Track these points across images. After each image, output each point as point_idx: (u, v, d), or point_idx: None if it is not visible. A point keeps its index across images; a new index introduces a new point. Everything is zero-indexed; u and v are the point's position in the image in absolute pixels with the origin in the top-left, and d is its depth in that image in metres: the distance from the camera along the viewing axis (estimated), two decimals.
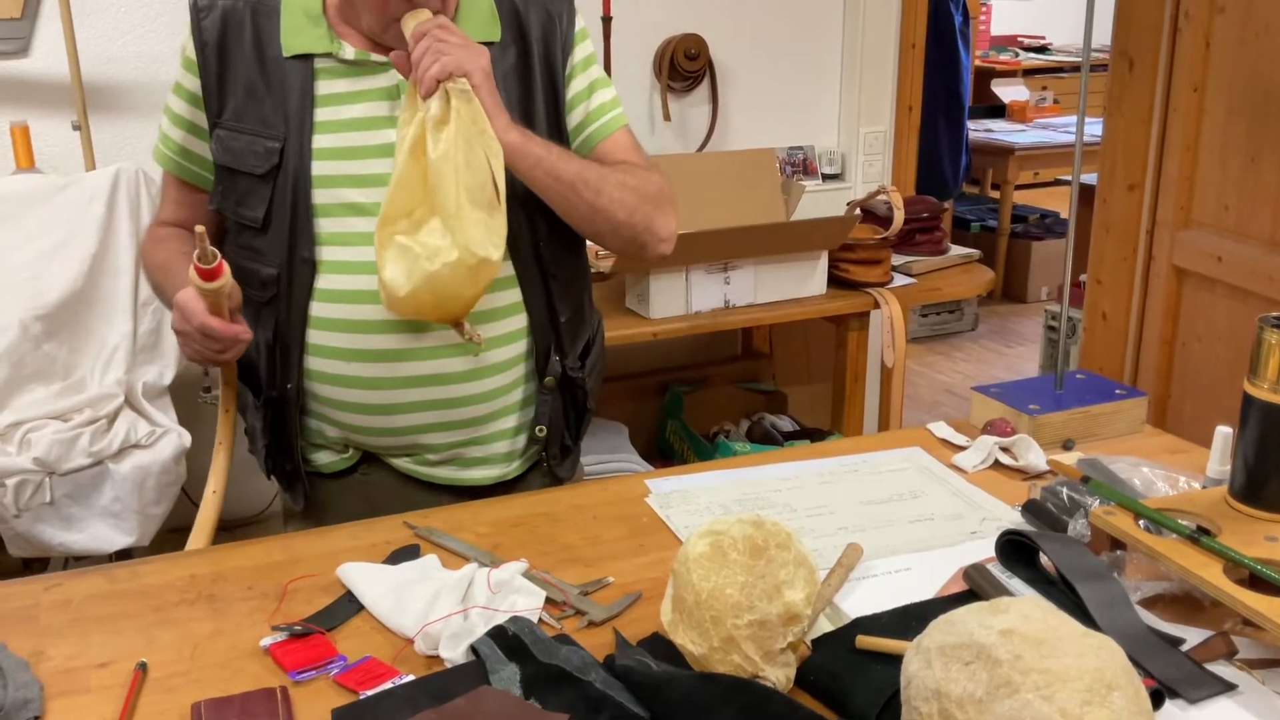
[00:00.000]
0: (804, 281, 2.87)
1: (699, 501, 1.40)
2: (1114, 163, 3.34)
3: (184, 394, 2.68)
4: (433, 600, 1.15)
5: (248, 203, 1.43)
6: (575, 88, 1.52)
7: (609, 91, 1.56)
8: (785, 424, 3.17)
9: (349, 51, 1.43)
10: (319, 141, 1.41)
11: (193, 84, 1.46)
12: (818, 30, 3.40)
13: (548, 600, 1.18)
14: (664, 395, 3.27)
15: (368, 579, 1.22)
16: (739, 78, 3.34)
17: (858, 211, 3.05)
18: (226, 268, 1.31)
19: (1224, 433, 1.30)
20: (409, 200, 1.34)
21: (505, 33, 1.48)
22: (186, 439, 2.44)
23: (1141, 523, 1.17)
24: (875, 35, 3.39)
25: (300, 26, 1.43)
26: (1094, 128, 3.61)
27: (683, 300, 2.76)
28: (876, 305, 2.88)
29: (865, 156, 3.46)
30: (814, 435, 3.06)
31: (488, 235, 1.34)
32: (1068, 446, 1.52)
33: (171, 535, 2.92)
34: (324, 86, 1.43)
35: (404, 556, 1.29)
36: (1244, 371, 1.18)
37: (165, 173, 1.55)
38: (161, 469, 2.38)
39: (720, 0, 3.26)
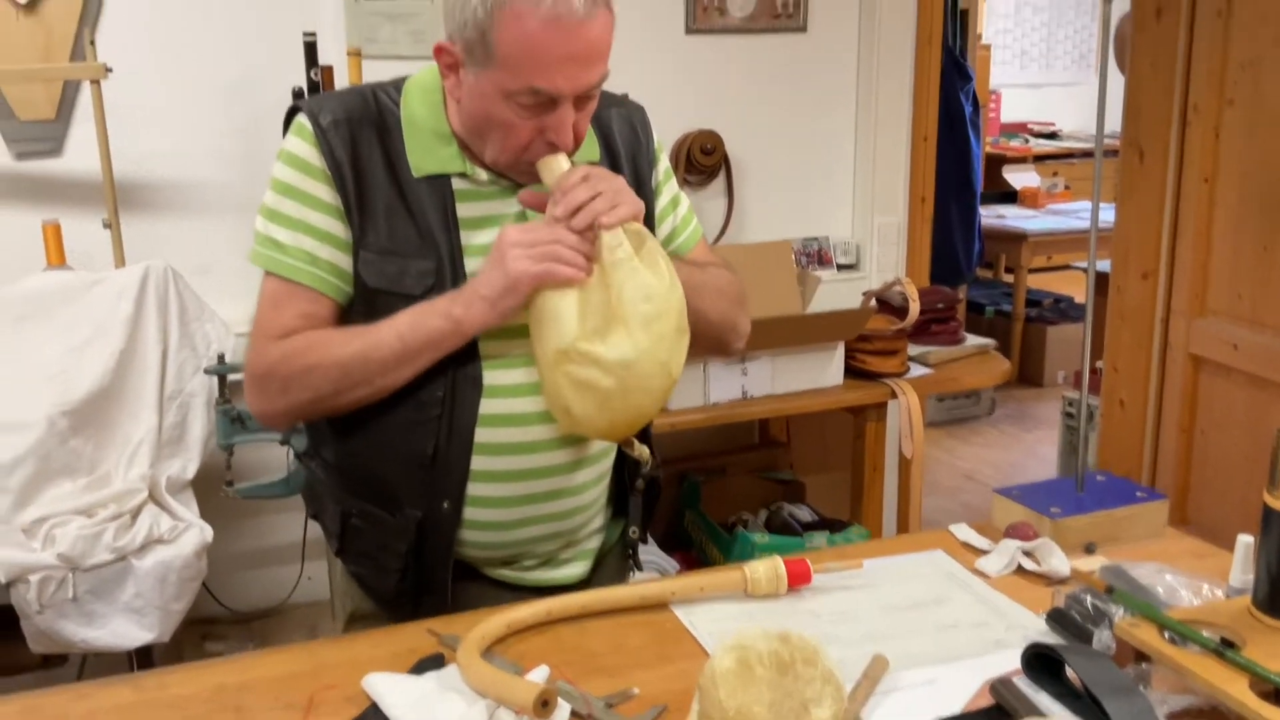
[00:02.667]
0: (821, 372, 2.89)
1: (722, 608, 1.41)
2: (1127, 250, 3.37)
3: (206, 488, 2.70)
4: (459, 712, 1.15)
5: None
6: (662, 201, 1.58)
7: (687, 202, 1.63)
8: (804, 514, 3.16)
9: (483, 174, 1.42)
10: (470, 265, 1.41)
11: (330, 196, 1.40)
12: (831, 124, 3.46)
13: (573, 713, 1.18)
14: (681, 485, 3.28)
15: (393, 690, 1.22)
16: (754, 171, 3.39)
17: (873, 303, 3.08)
18: None
19: (1245, 542, 1.30)
20: (569, 335, 1.35)
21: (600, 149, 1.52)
22: (208, 533, 2.45)
23: (1166, 634, 1.17)
24: (887, 128, 3.45)
25: (429, 146, 1.41)
26: (1106, 213, 3.64)
27: (701, 391, 2.78)
28: (894, 395, 2.90)
29: (879, 247, 3.50)
30: (833, 526, 3.05)
31: (682, 358, 1.40)
32: (1090, 550, 1.52)
33: (191, 627, 2.93)
34: (463, 209, 1.42)
35: (429, 665, 1.29)
36: (1264, 460, 1.19)
37: (288, 284, 1.40)
38: (183, 564, 2.38)
39: (735, 97, 3.33)
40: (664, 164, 1.60)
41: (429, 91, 1.44)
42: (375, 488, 1.46)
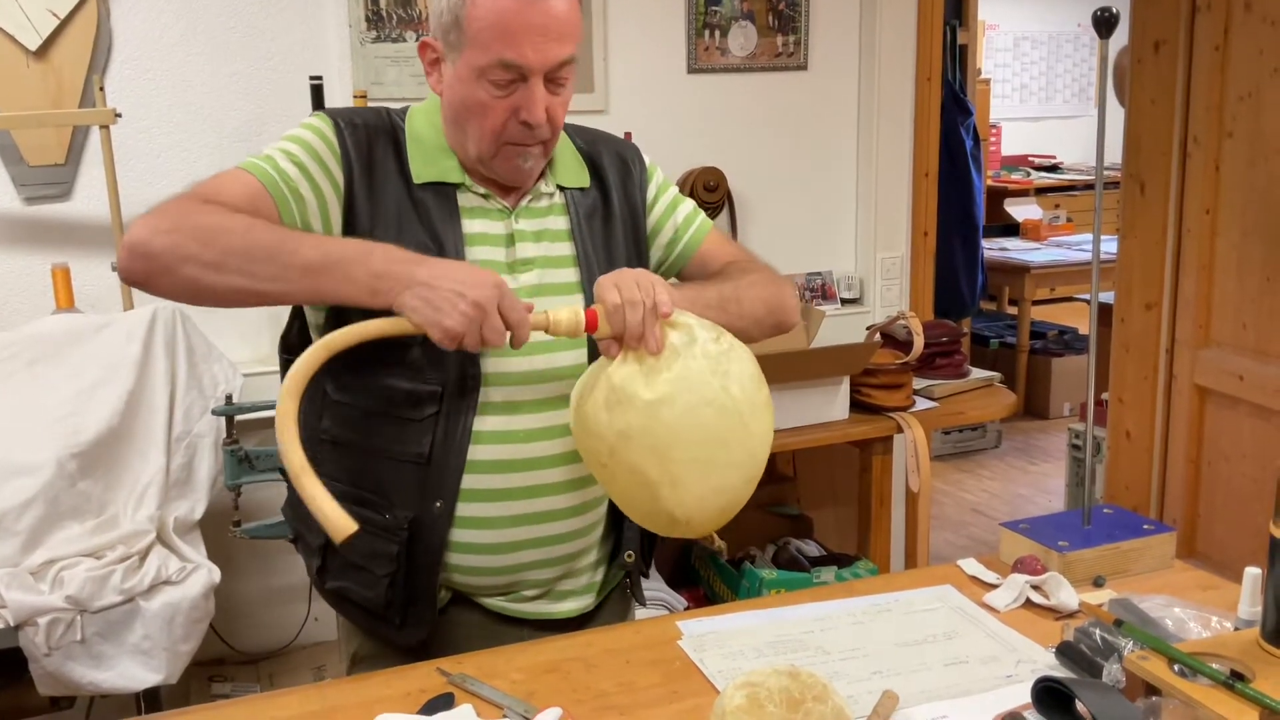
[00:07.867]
0: (826, 407, 2.89)
1: (732, 645, 1.41)
2: (1130, 282, 3.39)
3: (213, 528, 2.70)
4: None
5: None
6: (657, 213, 1.61)
7: (689, 204, 1.65)
8: (811, 549, 3.16)
9: (480, 188, 1.47)
10: None
11: (339, 173, 1.42)
12: (833, 160, 3.49)
13: None
14: None
15: None
16: (757, 207, 3.42)
17: (878, 337, 3.09)
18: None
19: (1253, 574, 1.30)
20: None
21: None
22: (216, 575, 2.45)
23: (1176, 667, 1.17)
24: (889, 164, 3.48)
25: (432, 156, 1.46)
26: (1109, 245, 3.66)
27: None
28: (900, 429, 2.90)
29: (883, 281, 3.52)
30: (841, 560, 3.04)
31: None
32: (1098, 583, 1.52)
33: (197, 669, 2.93)
34: (464, 224, 1.46)
35: (439, 706, 1.29)
36: (1272, 490, 1.20)
37: (247, 178, 1.38)
38: (191, 605, 2.38)
39: (737, 134, 3.35)
40: (658, 179, 1.63)
41: (430, 112, 1.50)
42: (369, 489, 1.46)
